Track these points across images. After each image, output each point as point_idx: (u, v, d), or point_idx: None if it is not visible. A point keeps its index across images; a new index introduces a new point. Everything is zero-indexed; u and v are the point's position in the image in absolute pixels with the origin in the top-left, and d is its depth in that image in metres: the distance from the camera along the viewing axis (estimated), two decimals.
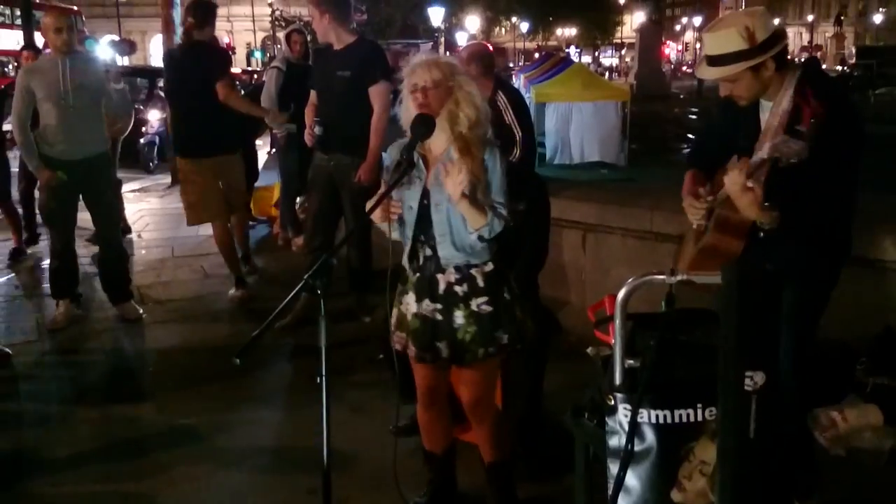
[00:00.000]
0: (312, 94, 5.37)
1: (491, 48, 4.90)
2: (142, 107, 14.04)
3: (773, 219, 2.59)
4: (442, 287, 2.87)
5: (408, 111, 2.83)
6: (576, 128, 15.53)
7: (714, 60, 2.76)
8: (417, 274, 2.92)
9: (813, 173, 2.53)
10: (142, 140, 13.53)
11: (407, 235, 2.91)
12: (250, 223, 8.73)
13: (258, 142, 9.81)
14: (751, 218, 2.64)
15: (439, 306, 2.88)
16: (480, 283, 2.87)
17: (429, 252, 2.89)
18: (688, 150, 3.38)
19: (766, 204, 2.56)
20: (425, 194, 2.85)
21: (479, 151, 2.79)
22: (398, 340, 2.99)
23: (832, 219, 2.80)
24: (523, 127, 4.53)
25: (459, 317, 2.86)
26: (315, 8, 5.02)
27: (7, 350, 5.06)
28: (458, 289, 2.86)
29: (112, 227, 5.68)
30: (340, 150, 5.15)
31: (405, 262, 2.95)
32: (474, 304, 2.86)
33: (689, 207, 2.93)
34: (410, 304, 2.94)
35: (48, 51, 6.29)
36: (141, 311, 5.81)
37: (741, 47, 2.68)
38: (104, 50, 10.17)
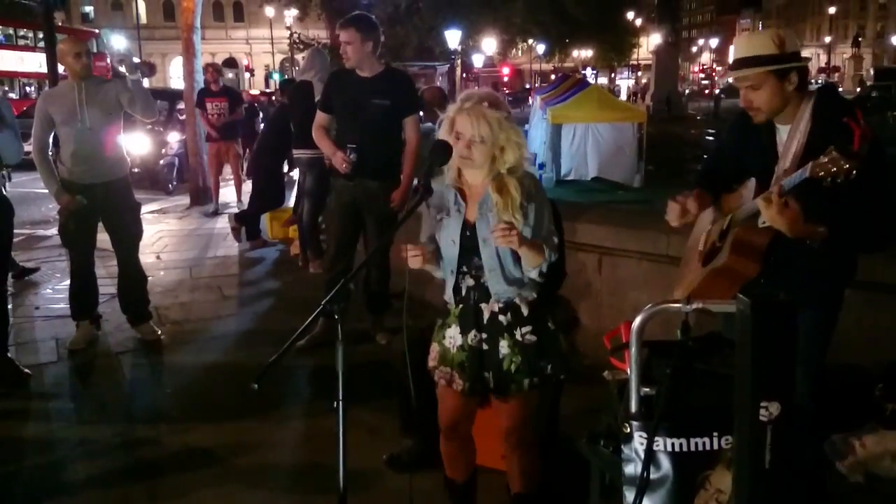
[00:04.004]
0: (321, 116, 5.34)
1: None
2: (161, 129, 14.20)
3: (821, 234, 2.58)
4: (486, 316, 2.86)
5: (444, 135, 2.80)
6: (592, 148, 15.58)
7: (743, 62, 2.78)
8: (461, 305, 2.90)
9: (856, 191, 2.51)
10: (161, 161, 13.66)
11: (449, 269, 2.89)
12: (266, 244, 8.85)
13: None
14: (797, 236, 2.60)
15: (485, 336, 2.87)
16: (525, 312, 2.85)
17: (471, 282, 2.87)
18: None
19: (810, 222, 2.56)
20: (466, 226, 2.84)
21: (517, 190, 2.76)
22: (442, 375, 2.96)
23: (874, 236, 2.76)
24: None
25: (504, 346, 2.84)
26: (358, 35, 5.05)
27: (27, 371, 5.10)
28: (502, 318, 2.85)
29: (131, 249, 5.72)
30: (371, 176, 5.16)
31: (447, 296, 2.93)
32: (518, 333, 2.84)
33: (671, 210, 2.97)
34: (455, 336, 2.91)
35: None
36: (159, 332, 5.85)
37: (772, 52, 2.73)
38: (118, 41, 10.49)
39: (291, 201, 8.93)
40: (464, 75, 37.16)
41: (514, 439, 3.03)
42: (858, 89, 44.74)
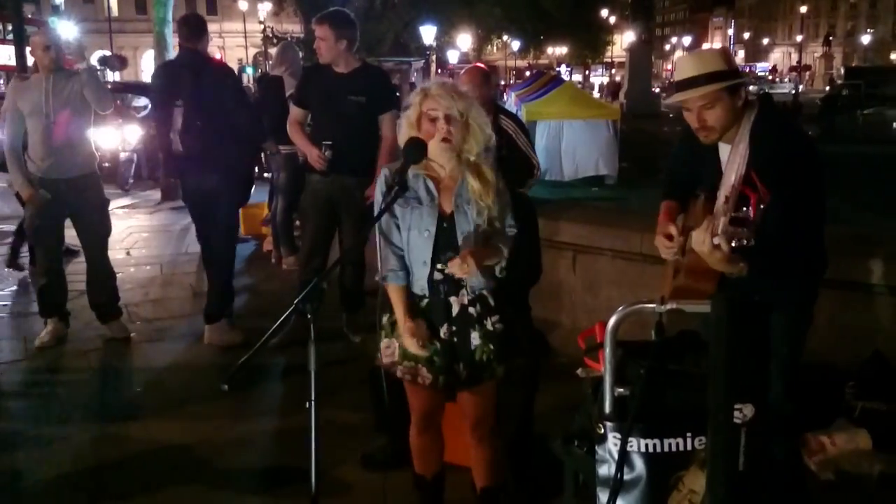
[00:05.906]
0: (296, 111, 5.30)
1: (484, 67, 4.92)
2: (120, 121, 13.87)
3: (740, 269, 2.60)
4: (456, 310, 2.86)
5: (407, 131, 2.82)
6: (567, 146, 15.59)
7: (695, 81, 2.71)
8: (427, 300, 2.88)
9: (776, 220, 2.55)
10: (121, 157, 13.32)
11: (421, 260, 2.84)
12: (239, 240, 8.74)
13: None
14: (721, 270, 2.66)
15: (455, 329, 2.87)
16: (492, 302, 2.89)
17: (439, 276, 2.85)
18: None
19: (734, 255, 2.59)
20: (443, 218, 2.83)
21: (493, 176, 2.84)
22: (406, 371, 2.90)
23: (801, 250, 2.77)
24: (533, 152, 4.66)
25: (476, 337, 2.86)
26: (331, 32, 5.00)
27: None
28: (471, 310, 2.86)
29: (99, 246, 5.64)
30: (347, 173, 5.10)
31: (420, 288, 2.88)
32: (489, 323, 2.87)
33: (661, 247, 2.93)
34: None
35: None
36: (129, 329, 5.78)
37: (723, 68, 2.70)
38: (67, 29, 10.14)
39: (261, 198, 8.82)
40: (438, 71, 37.07)
41: (480, 431, 3.04)
42: (828, 87, 45.15)
